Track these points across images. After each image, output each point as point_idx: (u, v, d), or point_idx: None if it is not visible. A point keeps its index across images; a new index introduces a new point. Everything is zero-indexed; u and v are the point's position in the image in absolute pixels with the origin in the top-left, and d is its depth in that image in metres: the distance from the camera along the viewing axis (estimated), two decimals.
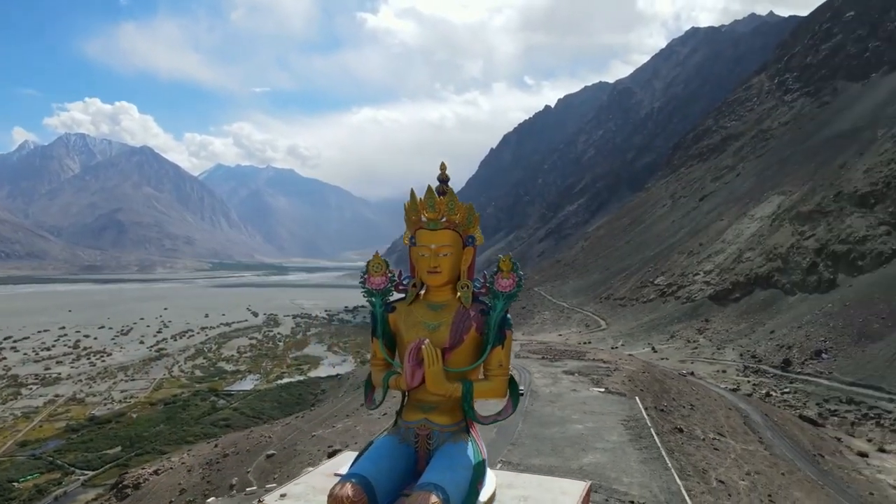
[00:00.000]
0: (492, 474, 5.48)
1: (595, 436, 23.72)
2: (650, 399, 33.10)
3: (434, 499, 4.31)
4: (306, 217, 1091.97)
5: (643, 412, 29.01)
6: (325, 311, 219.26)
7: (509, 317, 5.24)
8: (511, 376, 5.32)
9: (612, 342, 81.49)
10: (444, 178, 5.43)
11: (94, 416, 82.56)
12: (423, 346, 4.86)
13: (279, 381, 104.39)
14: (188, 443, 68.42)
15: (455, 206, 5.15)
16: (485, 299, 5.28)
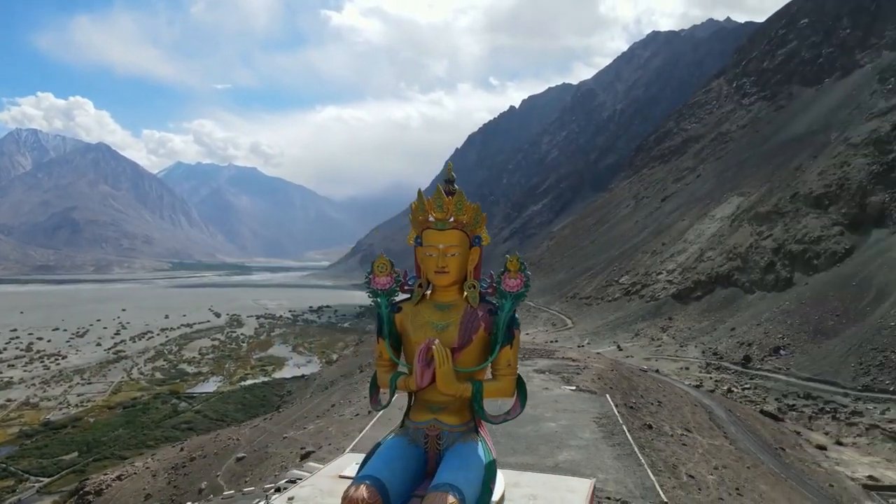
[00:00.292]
0: (500, 473, 5.44)
1: (568, 433, 23.91)
2: (619, 396, 33.53)
3: (451, 499, 4.30)
4: (269, 216, 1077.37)
5: (614, 409, 29.39)
6: (290, 311, 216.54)
7: (517, 316, 5.23)
8: (518, 375, 5.31)
9: (578, 341, 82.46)
10: (450, 179, 5.38)
11: (48, 420, 79.78)
12: (434, 346, 4.83)
13: (243, 383, 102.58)
14: (149, 447, 66.75)
15: (463, 207, 5.12)
16: (491, 299, 5.27)
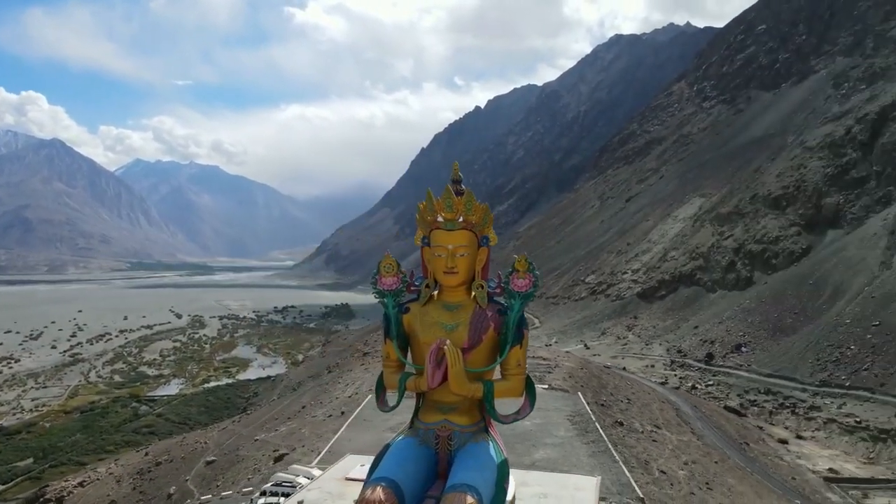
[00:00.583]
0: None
1: (544, 431, 24.07)
2: (591, 394, 33.97)
3: (470, 499, 4.29)
4: (232, 215, 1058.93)
5: (587, 407, 29.73)
6: (254, 311, 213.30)
7: (526, 316, 5.23)
8: (528, 375, 5.29)
9: (546, 339, 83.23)
10: (457, 179, 5.35)
11: (1, 426, 77.06)
12: (445, 346, 4.77)
13: (206, 385, 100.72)
14: (108, 452, 65.03)
15: (473, 207, 5.08)
16: (499, 299, 5.24)
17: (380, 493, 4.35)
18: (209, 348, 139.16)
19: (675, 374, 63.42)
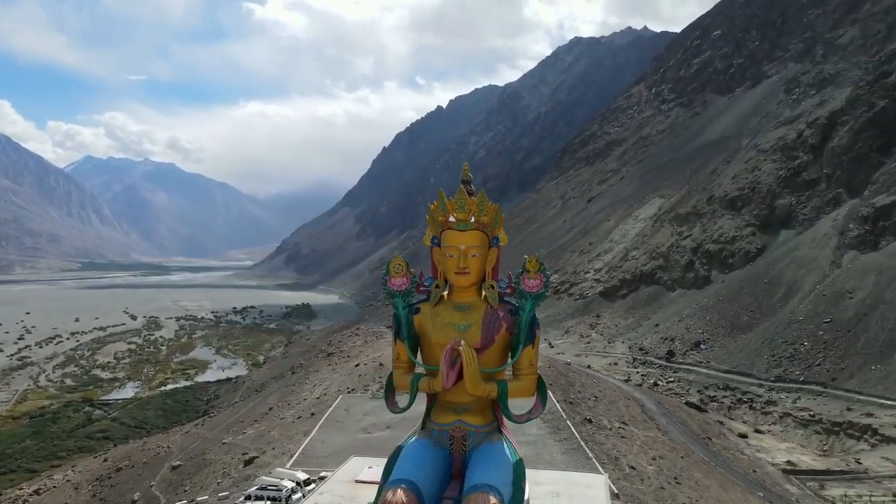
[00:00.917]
0: None
1: (516, 429, 24.02)
2: (560, 392, 34.31)
3: (493, 500, 4.27)
4: (189, 214, 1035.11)
5: (557, 405, 30.00)
6: (212, 312, 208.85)
7: (537, 316, 5.19)
8: (539, 375, 5.27)
9: None
10: (467, 179, 5.32)
11: None
12: (461, 347, 4.71)
13: (163, 388, 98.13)
14: (60, 458, 62.77)
15: (485, 207, 5.04)
16: (510, 299, 5.19)
17: (401, 495, 4.28)
18: (166, 350, 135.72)
19: (638, 372, 64.62)
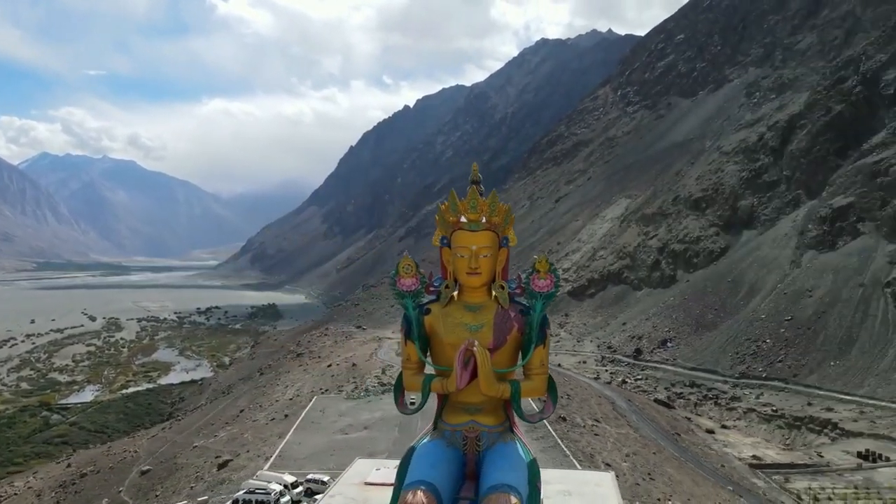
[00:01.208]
0: None
1: None
2: None
3: (514, 499, 4.26)
4: (150, 213, 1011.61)
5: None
6: (175, 313, 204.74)
7: (547, 316, 5.18)
8: (549, 374, 5.24)
9: None
10: (476, 179, 5.24)
11: None
12: (474, 348, 4.66)
13: (125, 391, 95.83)
14: (17, 465, 60.76)
15: (496, 208, 5.00)
16: (520, 300, 5.14)
17: (421, 496, 4.25)
18: (127, 352, 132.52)
19: (607, 370, 65.45)
